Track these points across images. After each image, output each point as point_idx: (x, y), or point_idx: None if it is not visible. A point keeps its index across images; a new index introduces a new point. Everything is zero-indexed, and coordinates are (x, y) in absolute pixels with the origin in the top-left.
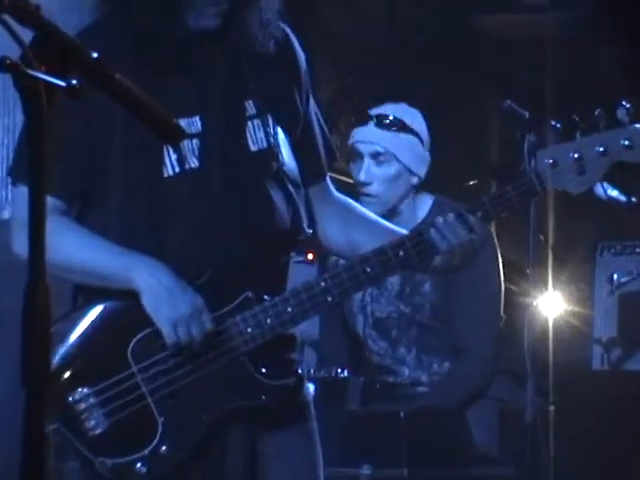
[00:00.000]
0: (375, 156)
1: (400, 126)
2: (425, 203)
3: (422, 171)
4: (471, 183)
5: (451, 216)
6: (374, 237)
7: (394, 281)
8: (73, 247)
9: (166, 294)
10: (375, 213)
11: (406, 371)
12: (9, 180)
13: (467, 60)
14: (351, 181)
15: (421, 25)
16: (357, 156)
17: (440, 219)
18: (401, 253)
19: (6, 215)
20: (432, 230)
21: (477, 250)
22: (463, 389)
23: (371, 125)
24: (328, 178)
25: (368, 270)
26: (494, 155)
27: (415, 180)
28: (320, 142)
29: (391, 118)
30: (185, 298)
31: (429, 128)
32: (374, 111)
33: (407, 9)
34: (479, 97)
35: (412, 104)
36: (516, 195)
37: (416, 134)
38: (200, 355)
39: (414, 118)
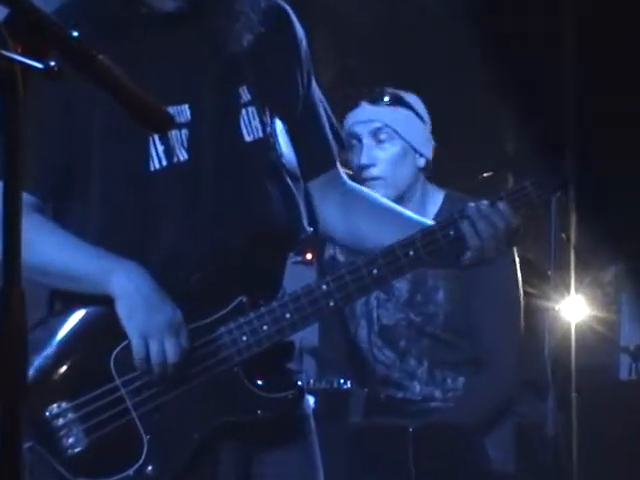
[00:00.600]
0: (375, 134)
1: (396, 99)
2: (436, 198)
3: (428, 152)
4: (486, 175)
5: (485, 204)
6: (399, 228)
7: (402, 287)
8: (46, 248)
9: (142, 302)
10: None
11: (417, 386)
12: None
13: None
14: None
15: (423, 5)
16: (355, 140)
17: (473, 206)
18: (413, 251)
19: None
20: (465, 220)
21: (512, 240)
22: (487, 405)
23: (364, 104)
24: (339, 164)
25: (374, 272)
26: (512, 145)
27: (422, 162)
28: (327, 127)
29: (383, 92)
30: (163, 309)
31: (430, 115)
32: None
33: None
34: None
35: (420, 89)
36: (535, 190)
37: (415, 111)
38: (187, 368)
39: (411, 98)
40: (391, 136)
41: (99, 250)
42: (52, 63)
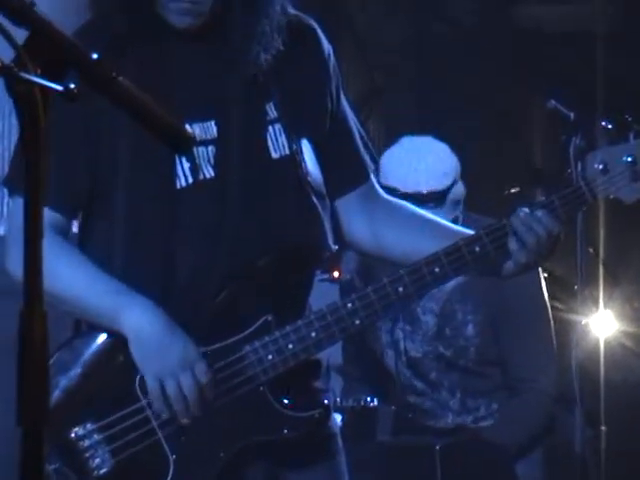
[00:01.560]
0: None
1: (441, 196)
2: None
3: (460, 209)
4: (513, 191)
5: (525, 211)
6: (438, 239)
7: (430, 320)
8: (65, 275)
9: (154, 343)
10: None
11: (449, 416)
12: (5, 192)
13: (508, 56)
14: None
15: (458, 20)
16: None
17: (525, 209)
18: (439, 268)
19: (1, 231)
20: (513, 224)
21: (554, 247)
22: (525, 430)
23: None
24: (373, 177)
25: (400, 290)
26: (539, 159)
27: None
28: (358, 140)
29: (427, 194)
30: (176, 347)
31: (461, 157)
32: (408, 186)
33: (439, 2)
34: (522, 96)
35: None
36: (561, 205)
37: (452, 186)
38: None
39: (451, 167)
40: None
41: (113, 284)
42: (71, 85)
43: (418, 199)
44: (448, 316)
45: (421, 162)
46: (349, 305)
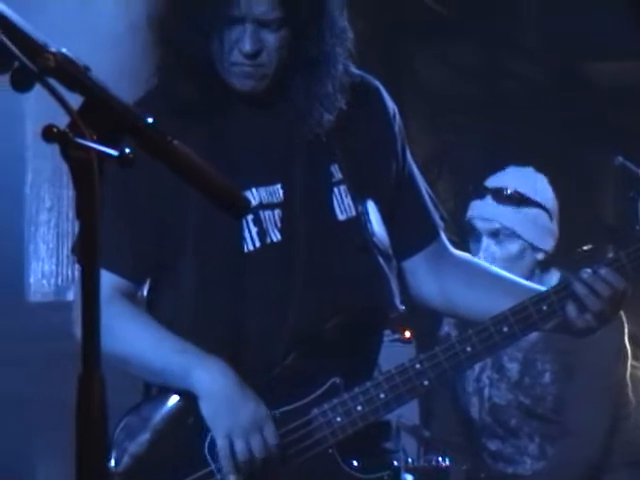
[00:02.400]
0: (494, 234)
1: (521, 200)
2: (552, 282)
3: (548, 245)
4: (585, 249)
5: (587, 272)
6: (508, 296)
7: (514, 367)
8: (131, 338)
9: (225, 401)
10: None
11: (528, 461)
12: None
13: (575, 112)
14: None
15: (528, 76)
16: (474, 233)
17: (588, 270)
18: (507, 328)
19: (72, 296)
20: (578, 284)
21: (620, 305)
22: (565, 477)
23: (488, 199)
24: (442, 234)
25: (468, 350)
26: (611, 216)
27: (540, 256)
28: (426, 199)
29: (510, 192)
30: (246, 406)
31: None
32: (493, 181)
33: (507, 59)
34: (590, 153)
35: (526, 164)
36: (629, 261)
37: (541, 206)
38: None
39: (538, 187)
40: (510, 236)
41: (182, 343)
42: (127, 150)
43: (499, 195)
44: (529, 364)
45: (518, 171)
46: (417, 366)
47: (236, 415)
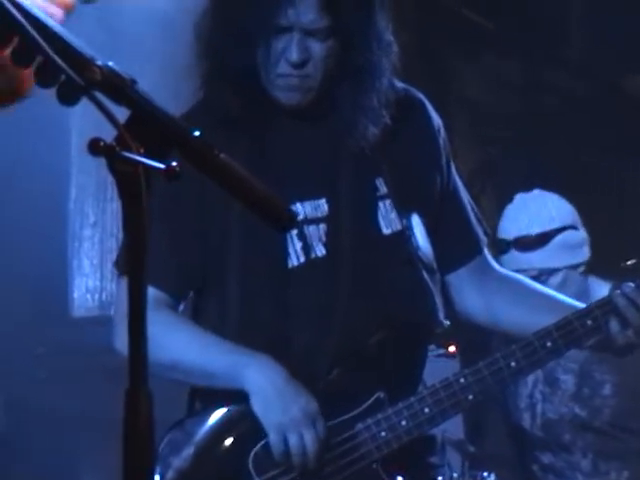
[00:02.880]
0: (534, 279)
1: (545, 237)
2: (601, 291)
3: (585, 255)
4: (629, 263)
5: (630, 286)
6: (552, 312)
7: (569, 380)
8: (178, 343)
9: (276, 396)
10: None
11: (579, 477)
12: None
13: (621, 127)
14: None
15: (570, 91)
16: None
17: (630, 284)
18: (551, 343)
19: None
20: (620, 298)
21: None
22: None
23: (514, 252)
24: (486, 250)
25: (512, 365)
26: None
27: (581, 268)
28: (470, 213)
29: (532, 237)
30: (298, 401)
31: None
32: (508, 232)
33: (548, 73)
34: (634, 167)
35: (557, 184)
36: None
37: (564, 227)
38: (326, 465)
39: (554, 212)
40: (550, 272)
41: (230, 344)
42: (173, 163)
43: (522, 244)
44: (586, 376)
45: (526, 209)
46: (462, 380)
47: (288, 410)
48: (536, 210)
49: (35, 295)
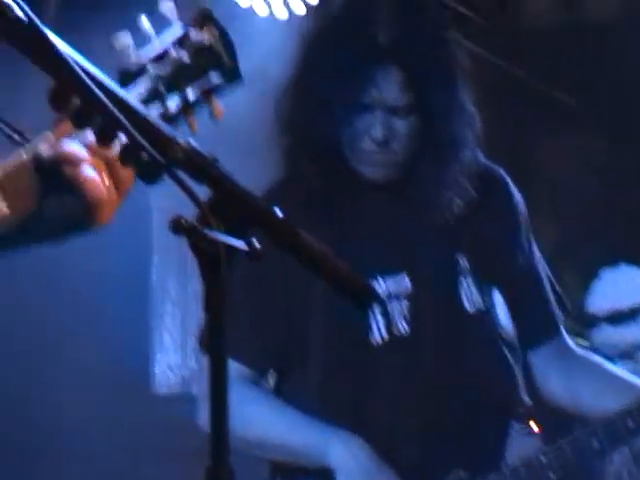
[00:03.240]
0: (627, 356)
1: (638, 313)
2: None
3: None
4: None
5: None
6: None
7: None
8: (263, 420)
9: (361, 472)
10: None
11: None
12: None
13: None
14: None
15: None
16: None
17: None
18: (632, 422)
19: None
20: None
21: None
22: None
23: (604, 326)
24: (564, 330)
25: (595, 444)
26: None
27: None
28: (549, 292)
29: (626, 310)
30: (381, 478)
31: None
32: (598, 305)
33: (633, 155)
34: None
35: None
36: None
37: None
38: None
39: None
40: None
41: (315, 421)
42: (255, 244)
43: (614, 319)
44: None
45: (615, 283)
46: (542, 459)
47: None
48: (625, 284)
49: (116, 371)
